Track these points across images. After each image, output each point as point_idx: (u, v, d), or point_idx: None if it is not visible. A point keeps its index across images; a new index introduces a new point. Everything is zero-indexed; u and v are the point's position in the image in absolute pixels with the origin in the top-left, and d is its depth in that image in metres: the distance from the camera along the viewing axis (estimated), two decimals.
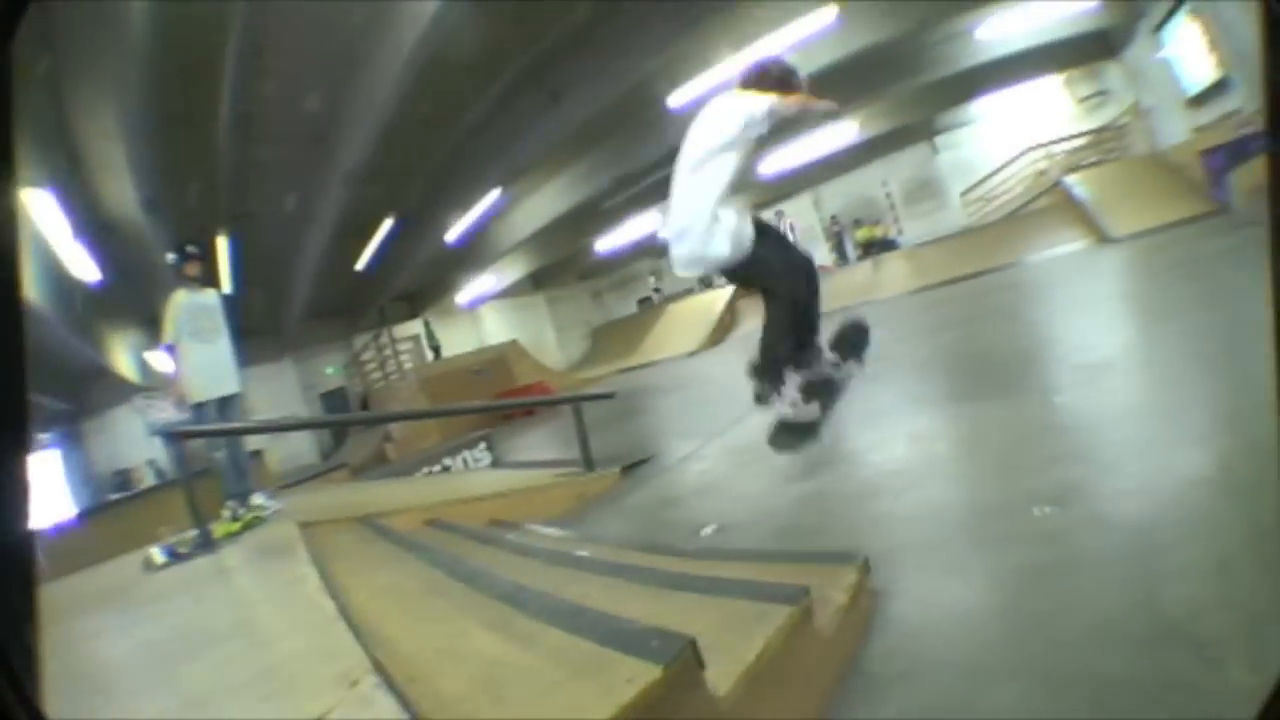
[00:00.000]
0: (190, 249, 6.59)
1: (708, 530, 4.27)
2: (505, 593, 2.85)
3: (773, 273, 4.28)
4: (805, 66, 13.38)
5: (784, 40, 12.85)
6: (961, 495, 3.78)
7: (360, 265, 18.90)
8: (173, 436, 5.81)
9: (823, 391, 4.41)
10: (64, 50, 8.22)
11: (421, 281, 23.41)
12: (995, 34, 16.98)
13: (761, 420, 4.73)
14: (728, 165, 4.12)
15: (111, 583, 4.90)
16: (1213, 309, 6.35)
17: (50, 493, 16.17)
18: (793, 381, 4.33)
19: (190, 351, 6.18)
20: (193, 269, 6.48)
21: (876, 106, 20.84)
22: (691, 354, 19.04)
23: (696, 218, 4.13)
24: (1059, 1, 16.04)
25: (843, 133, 20.83)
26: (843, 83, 16.39)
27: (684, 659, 1.79)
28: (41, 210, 9.53)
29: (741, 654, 2.02)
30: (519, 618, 2.52)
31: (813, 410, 4.31)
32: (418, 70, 10.62)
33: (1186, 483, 3.02)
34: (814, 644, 2.31)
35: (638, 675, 1.71)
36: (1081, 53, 19.66)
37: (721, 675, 1.91)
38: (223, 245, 14.20)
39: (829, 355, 4.54)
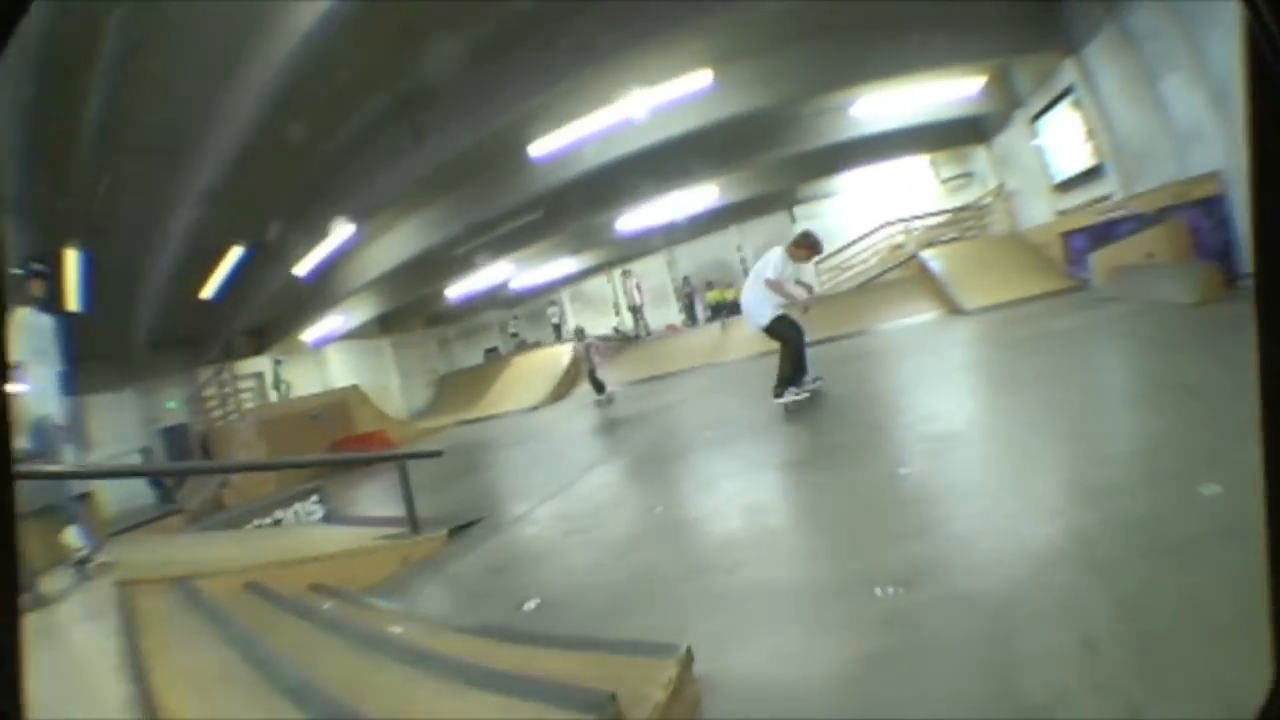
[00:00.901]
0: (36, 266, 6.22)
1: (530, 605, 4.03)
2: (294, 687, 2.67)
3: (786, 334, 8.52)
4: (678, 127, 13.70)
5: (658, 97, 12.99)
6: (799, 573, 3.62)
7: (208, 293, 17.86)
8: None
9: (808, 389, 8.65)
10: None
11: (269, 316, 22.19)
12: (869, 113, 17.28)
13: (591, 481, 7.06)
14: (768, 281, 8.37)
15: None
16: (1063, 383, 6.44)
17: None
18: (791, 391, 8.42)
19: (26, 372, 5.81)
20: (37, 287, 6.11)
21: (740, 173, 21.11)
22: (533, 409, 18.59)
23: (755, 304, 8.57)
24: (940, 88, 16.39)
25: (703, 196, 21.11)
26: (714, 146, 16.71)
27: None
28: None
29: None
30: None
31: (803, 397, 8.46)
32: (284, 92, 10.18)
33: (1043, 559, 2.93)
34: None
35: None
36: (954, 137, 20.34)
37: None
38: (73, 259, 13.27)
39: (813, 373, 8.87)
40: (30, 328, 5.82)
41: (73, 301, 13.51)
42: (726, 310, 22.82)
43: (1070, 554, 2.88)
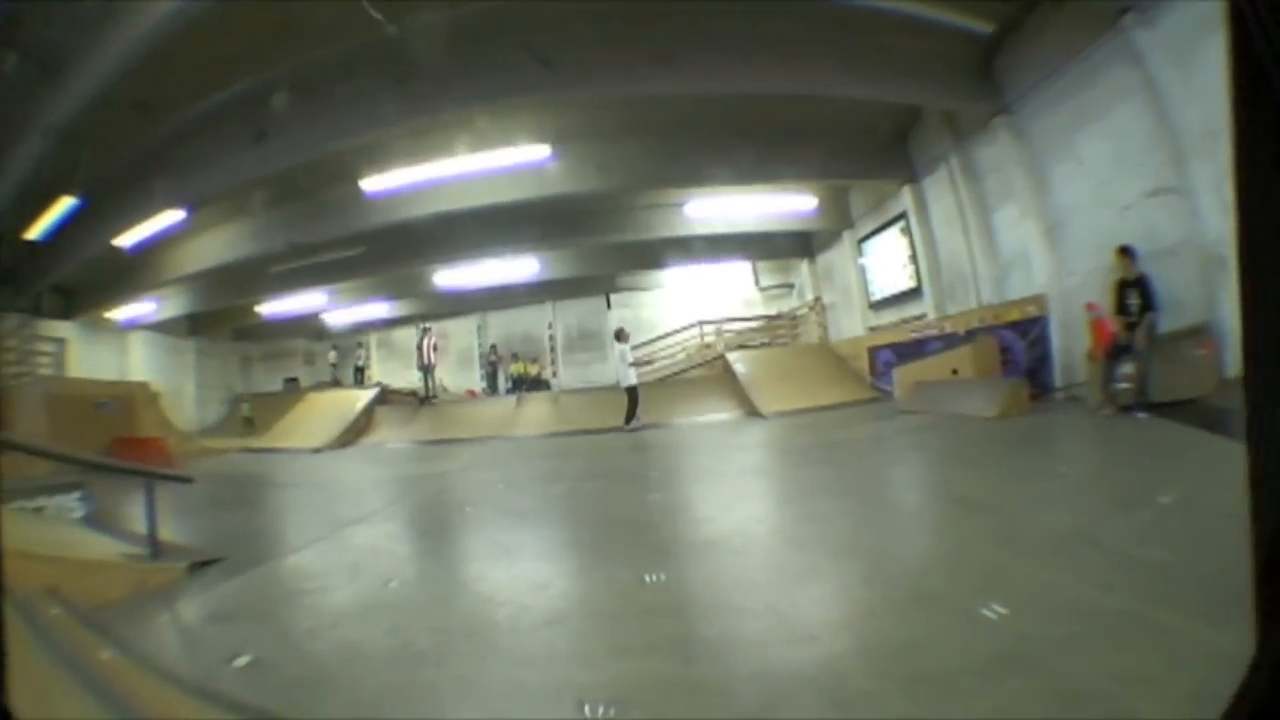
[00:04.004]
0: None
1: (241, 661, 3.69)
2: None
3: (632, 390, 16.04)
4: (511, 194, 13.98)
5: (497, 159, 13.31)
6: (505, 674, 3.28)
7: (34, 235, 16.67)
8: None
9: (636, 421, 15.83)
10: None
11: (85, 279, 20.96)
12: (702, 213, 17.89)
13: (344, 540, 6.66)
14: (625, 362, 16.38)
15: None
16: (842, 494, 6.51)
17: None
18: (634, 420, 15.74)
19: None
20: None
21: (565, 251, 21.62)
22: (317, 450, 17.68)
23: (622, 374, 16.35)
24: (777, 200, 17.40)
25: (524, 267, 21.41)
26: (543, 220, 17.22)
27: None
28: None
29: None
30: None
31: (636, 425, 15.64)
32: (152, 47, 9.77)
33: (780, 690, 2.73)
34: None
35: None
36: (782, 248, 21.44)
37: None
38: None
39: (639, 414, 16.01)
40: None
41: None
42: (527, 385, 23.21)
43: (816, 684, 2.71)
